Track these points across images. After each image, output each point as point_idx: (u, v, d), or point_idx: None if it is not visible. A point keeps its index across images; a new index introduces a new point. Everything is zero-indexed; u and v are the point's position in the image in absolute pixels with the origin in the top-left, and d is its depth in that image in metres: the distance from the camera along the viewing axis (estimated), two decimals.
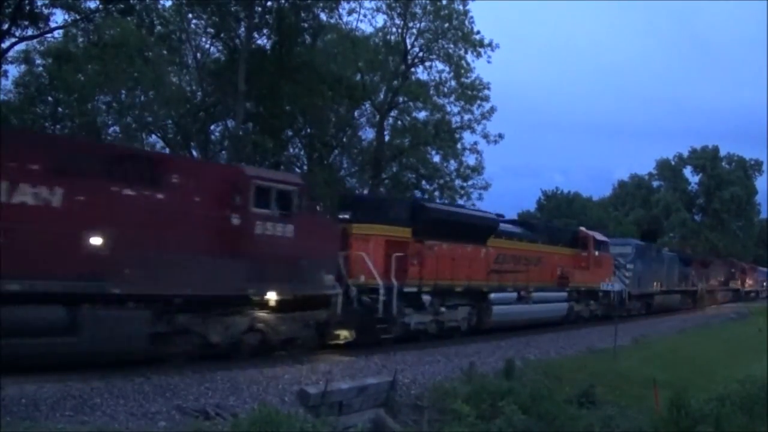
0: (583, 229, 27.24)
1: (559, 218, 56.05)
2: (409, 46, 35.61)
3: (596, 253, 25.97)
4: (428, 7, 34.81)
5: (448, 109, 38.24)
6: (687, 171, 79.69)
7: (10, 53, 27.34)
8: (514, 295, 20.63)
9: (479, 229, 19.48)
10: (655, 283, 33.47)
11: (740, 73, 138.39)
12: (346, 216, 15.73)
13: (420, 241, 16.74)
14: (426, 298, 16.59)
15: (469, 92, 37.62)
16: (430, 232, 16.95)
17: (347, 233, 15.17)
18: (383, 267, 15.34)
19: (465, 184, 38.92)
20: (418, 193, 38.04)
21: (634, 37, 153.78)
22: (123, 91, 31.71)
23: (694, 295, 41.55)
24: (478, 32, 35.50)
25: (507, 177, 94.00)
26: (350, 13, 34.33)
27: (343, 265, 14.59)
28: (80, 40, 29.99)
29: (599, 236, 27.54)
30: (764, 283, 67.07)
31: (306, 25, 31.44)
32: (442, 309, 17.49)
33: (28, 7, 24.48)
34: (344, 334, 14.52)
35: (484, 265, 19.39)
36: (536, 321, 22.00)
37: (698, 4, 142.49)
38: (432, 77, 37.24)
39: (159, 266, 10.68)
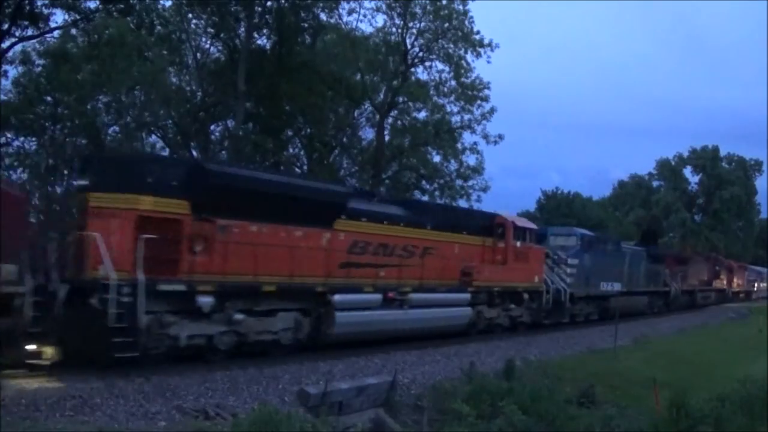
0: (501, 214, 21.13)
1: (558, 218, 56.03)
2: (409, 46, 35.61)
3: (517, 243, 20.39)
4: (428, 7, 34.79)
5: (448, 109, 38.28)
6: (687, 171, 79.82)
7: (10, 53, 27.35)
8: (378, 297, 15.27)
9: (316, 205, 14.08)
10: (612, 283, 27.81)
11: (740, 73, 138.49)
12: (84, 183, 11.83)
13: (205, 220, 12.05)
14: (204, 300, 11.68)
15: (469, 92, 37.62)
16: (221, 207, 12.12)
17: (83, 206, 11.61)
18: (130, 254, 10.99)
19: (465, 185, 38.93)
20: (418, 194, 38.07)
21: (633, 37, 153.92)
22: (123, 91, 31.68)
23: (667, 296, 35.84)
24: (478, 32, 35.54)
25: (505, 177, 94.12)
26: (350, 13, 34.34)
27: (74, 252, 11.36)
28: (80, 40, 30.00)
29: (523, 222, 22.09)
30: (757, 284, 63.86)
31: (306, 25, 31.47)
32: (238, 316, 12.36)
33: (28, 7, 24.48)
34: (47, 351, 10.72)
35: (327, 257, 14.29)
36: (420, 332, 16.61)
37: (698, 4, 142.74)
38: (432, 77, 37.28)
39: None
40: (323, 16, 32.53)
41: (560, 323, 23.85)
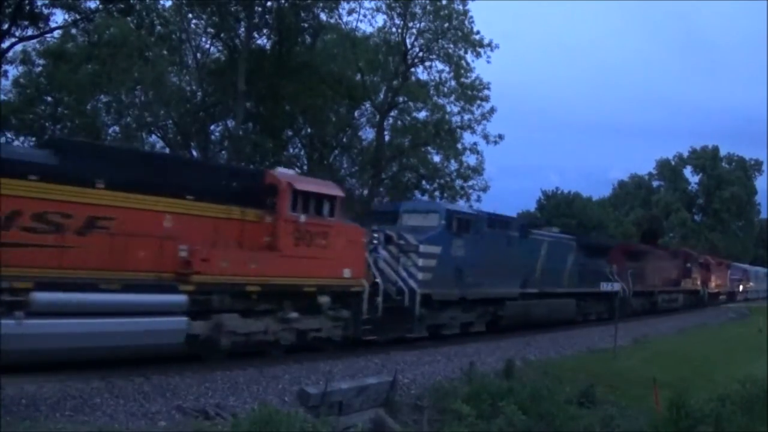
0: (273, 171, 14.12)
1: (558, 218, 56.01)
2: (409, 46, 35.64)
3: (301, 217, 13.11)
4: (428, 7, 34.83)
5: (448, 109, 38.31)
6: (687, 171, 79.88)
7: (10, 53, 27.38)
8: None
9: None
10: (509, 282, 20.07)
11: (740, 73, 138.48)
12: None
13: None
14: None
15: (469, 92, 37.65)
16: None
17: None
18: None
19: (465, 185, 38.96)
20: (418, 194, 38.09)
21: (632, 37, 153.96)
22: (122, 91, 31.73)
23: (612, 299, 25.78)
24: (478, 32, 35.57)
25: (503, 177, 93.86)
26: (350, 13, 34.40)
27: None
28: (80, 40, 30.03)
29: (314, 185, 13.93)
30: (741, 284, 56.08)
31: (306, 25, 31.48)
32: None
33: (28, 7, 24.50)
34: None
35: None
36: (60, 356, 9.72)
37: (698, 4, 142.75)
38: (432, 77, 37.32)
39: None
40: (323, 16, 32.61)
41: (407, 339, 16.56)
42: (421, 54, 36.35)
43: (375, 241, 15.78)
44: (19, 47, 28.02)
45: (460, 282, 17.50)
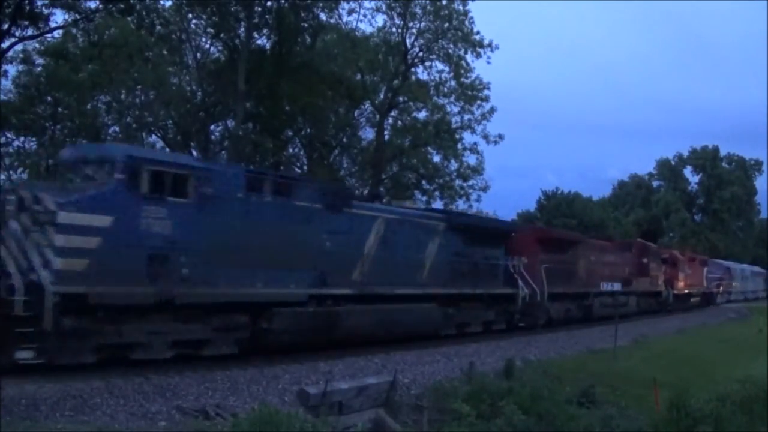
0: None
1: (559, 218, 56.02)
2: (409, 46, 35.67)
3: None
4: (428, 7, 34.86)
5: (448, 109, 38.33)
6: (687, 171, 79.92)
7: (10, 53, 27.37)
8: None
9: None
10: (285, 278, 13.25)
11: (740, 73, 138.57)
12: None
13: None
14: None
15: (469, 92, 37.67)
16: None
17: None
18: None
19: (465, 185, 38.97)
20: (418, 194, 38.10)
21: (632, 37, 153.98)
22: (123, 91, 31.74)
23: (511, 304, 20.43)
24: (478, 32, 35.59)
25: (501, 177, 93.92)
26: (350, 13, 34.43)
27: None
28: (80, 40, 30.03)
29: None
30: (722, 284, 48.22)
31: (306, 25, 31.47)
32: None
33: (28, 7, 24.50)
34: None
35: None
36: None
37: (697, 4, 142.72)
38: (432, 77, 37.35)
39: None
40: (323, 16, 32.60)
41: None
42: (421, 54, 36.42)
43: (8, 208, 10.16)
44: (19, 47, 28.04)
45: (163, 276, 10.95)
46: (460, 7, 35.02)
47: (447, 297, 17.43)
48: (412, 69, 36.68)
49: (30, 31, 25.91)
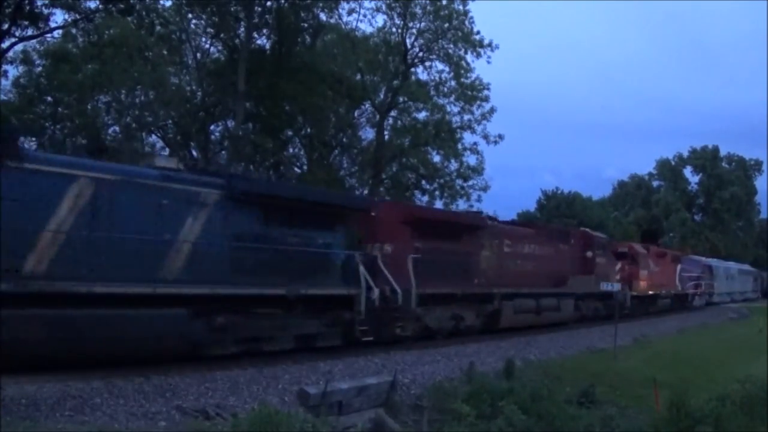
0: None
1: (559, 218, 56.05)
2: (409, 46, 35.68)
3: None
4: (428, 7, 34.87)
5: (448, 109, 38.34)
6: (687, 171, 79.93)
7: (10, 53, 27.39)
8: None
9: None
10: None
11: (740, 73, 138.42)
12: None
13: None
14: None
15: (469, 92, 37.68)
16: None
17: None
18: None
19: (465, 185, 38.98)
20: (418, 194, 38.12)
21: (632, 37, 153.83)
22: (123, 91, 31.76)
23: (349, 309, 14.30)
24: (478, 32, 35.61)
25: (499, 178, 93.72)
26: (350, 13, 34.46)
27: None
28: (80, 40, 30.04)
29: None
30: (700, 284, 41.31)
31: (306, 25, 31.50)
32: None
33: (28, 7, 24.50)
34: None
35: None
36: None
37: (697, 4, 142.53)
38: (432, 77, 37.37)
39: None
40: (323, 16, 32.63)
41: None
42: (421, 54, 36.43)
43: None
44: (19, 47, 28.05)
45: None
46: (460, 7, 35.07)
47: (218, 300, 11.74)
48: (412, 69, 36.71)
49: (30, 31, 25.93)
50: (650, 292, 31.79)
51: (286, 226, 13.44)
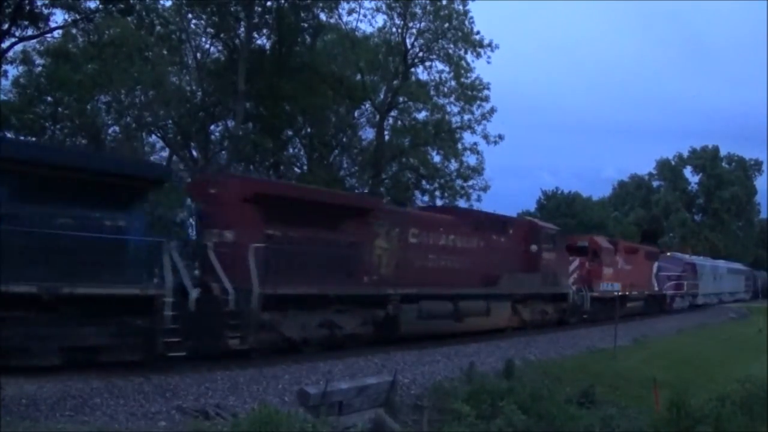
0: None
1: (559, 218, 56.06)
2: (409, 46, 35.66)
3: None
4: (428, 7, 34.86)
5: (448, 109, 38.36)
6: (687, 171, 79.94)
7: (10, 53, 27.39)
8: None
9: None
10: None
11: (740, 73, 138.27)
12: None
13: None
14: None
15: (469, 92, 37.69)
16: None
17: None
18: None
19: (465, 185, 38.98)
20: (418, 194, 38.14)
21: (632, 37, 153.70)
22: (123, 91, 31.76)
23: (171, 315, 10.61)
24: (478, 32, 35.61)
25: (498, 178, 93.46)
26: (350, 13, 34.42)
27: None
28: (80, 40, 30.04)
29: None
30: (682, 285, 37.01)
31: (306, 25, 31.50)
32: None
33: (28, 7, 24.50)
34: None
35: None
36: None
37: (697, 4, 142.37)
38: (432, 77, 37.37)
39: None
40: (323, 16, 32.62)
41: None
42: (421, 54, 36.41)
43: None
44: (19, 47, 28.05)
45: None
46: (460, 7, 35.04)
47: None
48: (412, 69, 36.71)
49: (30, 31, 25.92)
50: (618, 293, 27.30)
51: (49, 204, 10.17)
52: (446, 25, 35.12)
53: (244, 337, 11.90)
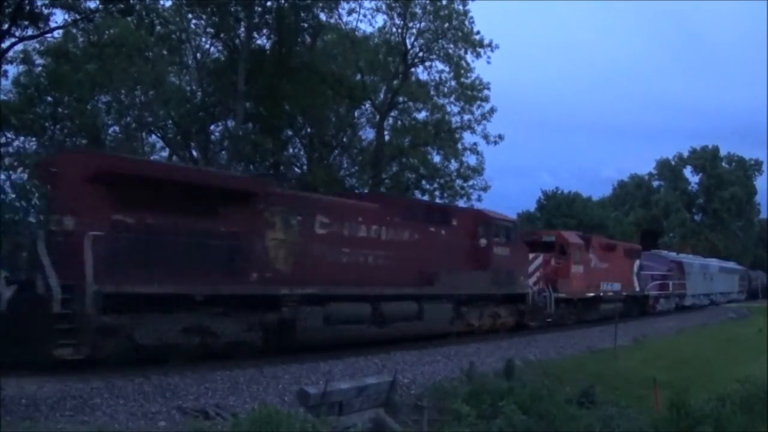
0: None
1: (559, 218, 56.06)
2: (409, 46, 35.67)
3: None
4: (428, 7, 34.86)
5: (448, 109, 38.36)
6: (687, 171, 79.96)
7: (10, 53, 27.39)
8: None
9: None
10: None
11: (740, 73, 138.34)
12: None
13: None
14: None
15: (469, 92, 37.70)
16: None
17: None
18: None
19: (465, 185, 38.99)
20: (418, 194, 38.10)
21: (632, 37, 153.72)
22: (123, 91, 31.76)
23: None
24: (478, 32, 35.62)
25: (499, 177, 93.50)
26: (350, 13, 34.43)
27: None
28: (80, 39, 30.04)
29: None
30: (667, 286, 34.60)
31: (306, 25, 31.48)
32: None
33: (28, 7, 24.50)
34: None
35: None
36: None
37: (697, 4, 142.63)
38: (432, 77, 37.37)
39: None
40: (323, 16, 32.61)
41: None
42: (421, 54, 36.41)
43: None
44: (19, 47, 28.05)
45: None
46: (460, 7, 35.04)
47: None
48: (412, 69, 36.71)
49: (30, 31, 25.90)
50: (590, 294, 24.95)
51: None
52: (446, 25, 35.12)
53: (79, 344, 9.84)
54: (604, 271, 26.66)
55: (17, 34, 25.55)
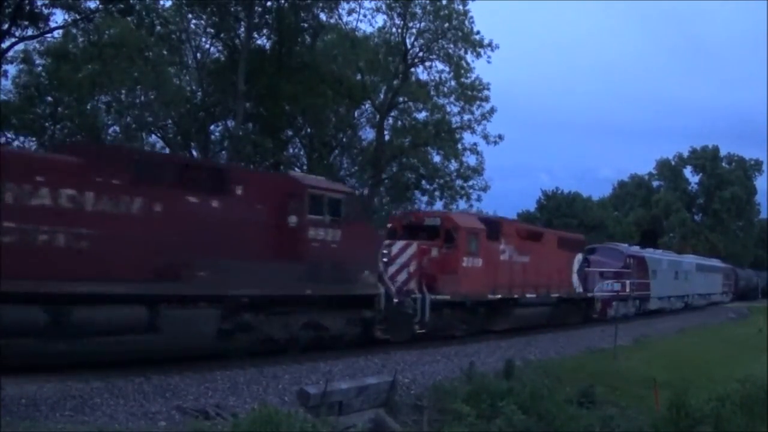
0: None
1: (559, 218, 56.06)
2: (409, 46, 35.69)
3: None
4: (428, 7, 34.88)
5: (448, 109, 38.36)
6: (687, 171, 79.94)
7: (10, 53, 27.42)
8: None
9: None
10: None
11: (740, 73, 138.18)
12: None
13: None
14: None
15: (469, 92, 37.69)
16: None
17: None
18: None
19: (465, 185, 38.98)
20: (418, 194, 38.15)
21: (631, 37, 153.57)
22: (123, 91, 31.79)
23: None
24: (478, 32, 35.63)
25: (498, 178, 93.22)
26: (350, 13, 34.49)
27: None
28: (80, 40, 30.07)
29: None
30: (624, 287, 28.31)
31: (306, 25, 31.51)
32: None
33: (28, 7, 24.51)
34: None
35: None
36: None
37: (697, 4, 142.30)
38: (432, 77, 37.38)
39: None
40: (323, 16, 32.64)
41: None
42: (421, 54, 36.43)
43: None
44: (19, 47, 28.08)
45: None
46: (460, 7, 35.07)
47: None
48: (412, 69, 36.73)
49: (30, 31, 25.94)
50: (498, 296, 19.37)
51: None
52: (446, 25, 35.13)
53: None
54: (522, 266, 20.79)
55: (17, 34, 25.61)
